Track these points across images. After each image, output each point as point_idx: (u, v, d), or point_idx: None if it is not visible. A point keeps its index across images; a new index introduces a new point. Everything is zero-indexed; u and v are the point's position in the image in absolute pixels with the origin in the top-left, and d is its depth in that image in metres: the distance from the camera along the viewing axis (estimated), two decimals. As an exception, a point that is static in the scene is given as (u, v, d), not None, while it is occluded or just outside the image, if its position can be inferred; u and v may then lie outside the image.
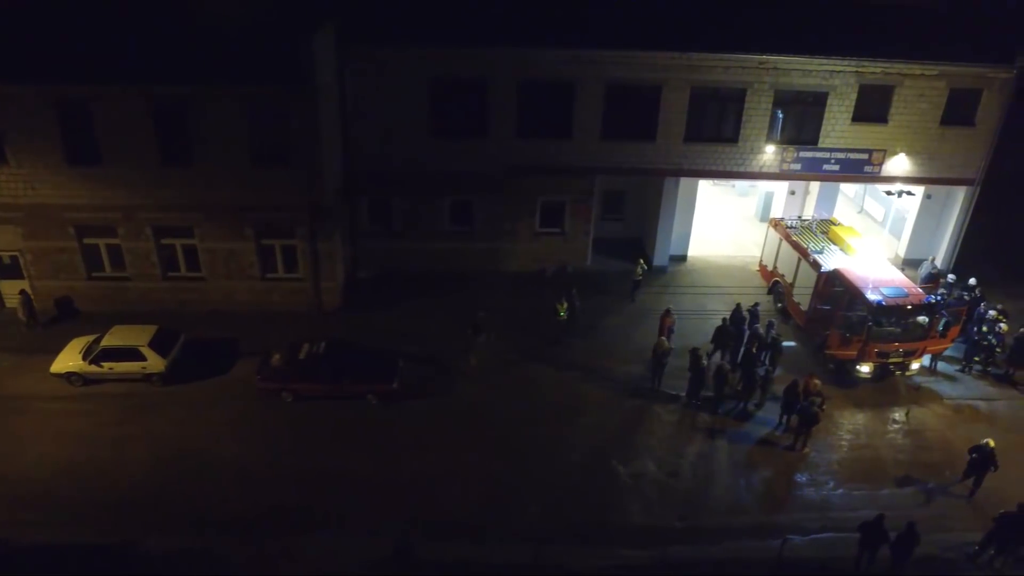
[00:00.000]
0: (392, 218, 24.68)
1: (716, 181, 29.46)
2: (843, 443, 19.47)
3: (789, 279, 23.36)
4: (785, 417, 19.49)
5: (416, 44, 22.20)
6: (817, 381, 19.35)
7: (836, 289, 21.23)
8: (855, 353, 20.36)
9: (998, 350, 21.94)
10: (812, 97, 23.78)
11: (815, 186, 27.08)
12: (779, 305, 24.11)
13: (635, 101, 23.31)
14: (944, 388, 21.68)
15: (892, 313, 20.01)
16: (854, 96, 23.75)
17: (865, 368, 20.56)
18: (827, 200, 25.84)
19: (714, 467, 18.49)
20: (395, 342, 21.74)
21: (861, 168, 24.87)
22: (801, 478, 18.35)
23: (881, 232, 29.57)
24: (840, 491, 18.03)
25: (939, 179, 25.52)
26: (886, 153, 24.67)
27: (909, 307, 20.03)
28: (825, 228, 23.76)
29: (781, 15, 23.60)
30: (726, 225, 29.46)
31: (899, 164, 24.84)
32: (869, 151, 24.61)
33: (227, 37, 20.44)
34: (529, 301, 23.80)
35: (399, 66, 22.45)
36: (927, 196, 26.51)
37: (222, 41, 20.37)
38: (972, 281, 23.97)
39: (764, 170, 24.69)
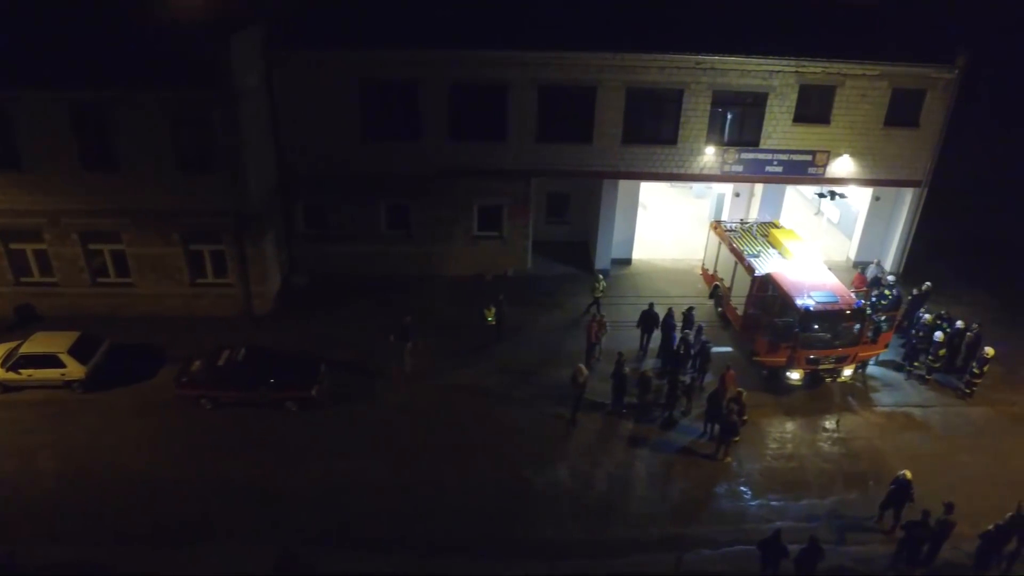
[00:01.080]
0: (328, 222, 24.44)
1: (673, 183, 29.07)
2: (768, 452, 19.04)
3: (728, 283, 22.95)
4: (709, 426, 19.11)
5: (344, 46, 21.92)
6: (734, 386, 19.07)
7: (768, 294, 20.83)
8: (784, 360, 19.97)
9: (929, 358, 21.51)
10: (752, 98, 23.37)
11: (760, 188, 26.63)
12: (719, 310, 23.73)
13: (570, 103, 22.96)
14: (880, 395, 21.22)
15: (821, 319, 19.55)
16: (795, 96, 23.31)
17: (795, 375, 20.13)
18: (772, 202, 25.37)
19: (631, 477, 18.10)
20: (324, 348, 21.47)
21: (805, 170, 24.42)
22: (719, 488, 17.93)
23: (837, 234, 29.24)
24: (758, 502, 17.62)
25: (886, 180, 25.06)
26: (830, 154, 24.21)
27: (838, 313, 19.63)
28: (765, 231, 23.36)
29: (720, 14, 23.25)
30: (678, 227, 29.06)
31: (844, 165, 24.39)
32: (812, 152, 24.15)
33: (150, 41, 20.24)
34: (464, 306, 23.46)
35: (328, 68, 22.18)
36: (876, 198, 26.06)
37: (145, 45, 20.15)
38: (926, 285, 23.52)
39: (705, 172, 24.29)
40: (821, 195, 24.20)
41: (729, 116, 23.55)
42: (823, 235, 29.16)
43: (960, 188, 27.26)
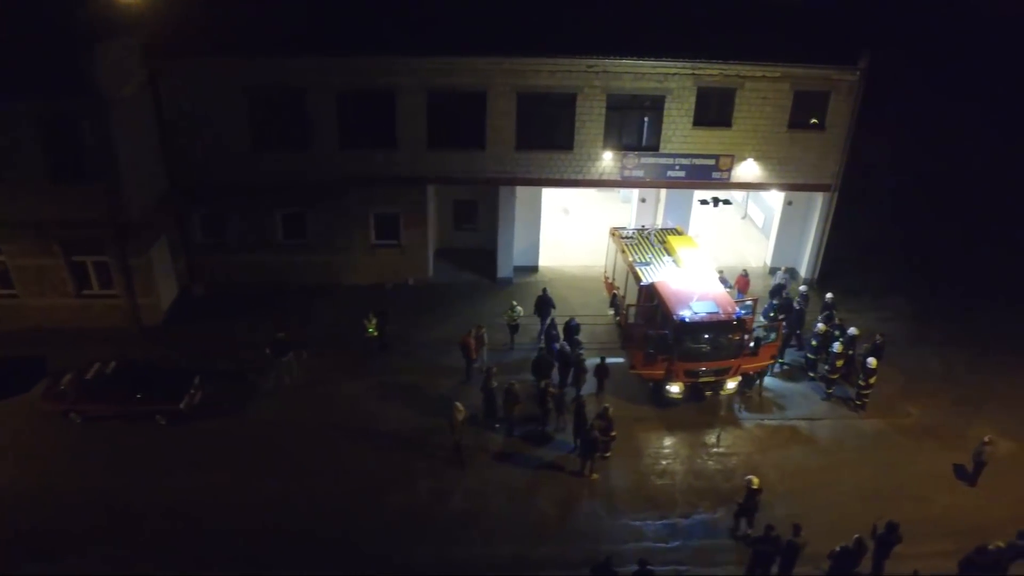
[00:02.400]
0: (226, 231, 24.10)
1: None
2: (640, 468, 18.50)
3: (623, 292, 22.42)
4: (579, 440, 18.59)
5: (227, 54, 21.58)
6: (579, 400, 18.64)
7: (653, 304, 20.28)
8: (663, 372, 19.41)
9: (826, 368, 20.85)
10: (649, 101, 22.79)
11: (679, 194, 25.91)
12: (617, 319, 23.18)
13: (460, 108, 22.48)
14: (771, 408, 20.56)
15: (697, 330, 18.99)
16: (693, 99, 22.71)
17: (675, 388, 19.57)
18: (677, 207, 24.73)
19: (490, 493, 17.62)
20: (210, 359, 21.18)
21: (709, 174, 23.79)
22: (580, 506, 17.43)
23: (762, 238, 28.55)
24: (620, 521, 17.10)
25: (794, 185, 24.40)
26: (734, 158, 23.60)
27: (716, 324, 19.04)
28: (663, 238, 22.78)
29: (616, 16, 22.74)
30: (598, 233, 28.46)
31: (749, 169, 23.76)
32: (716, 156, 23.55)
33: (17, 50, 19.93)
34: (359, 316, 22.88)
35: (212, 76, 21.82)
36: (788, 202, 25.39)
37: (11, 54, 19.85)
38: (829, 296, 22.84)
39: (605, 177, 23.74)
40: (704, 202, 23.55)
41: (626, 120, 22.99)
42: (748, 239, 28.55)
43: (879, 192, 26.67)
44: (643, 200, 25.51)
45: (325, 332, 22.41)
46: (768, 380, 21.36)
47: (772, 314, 22.35)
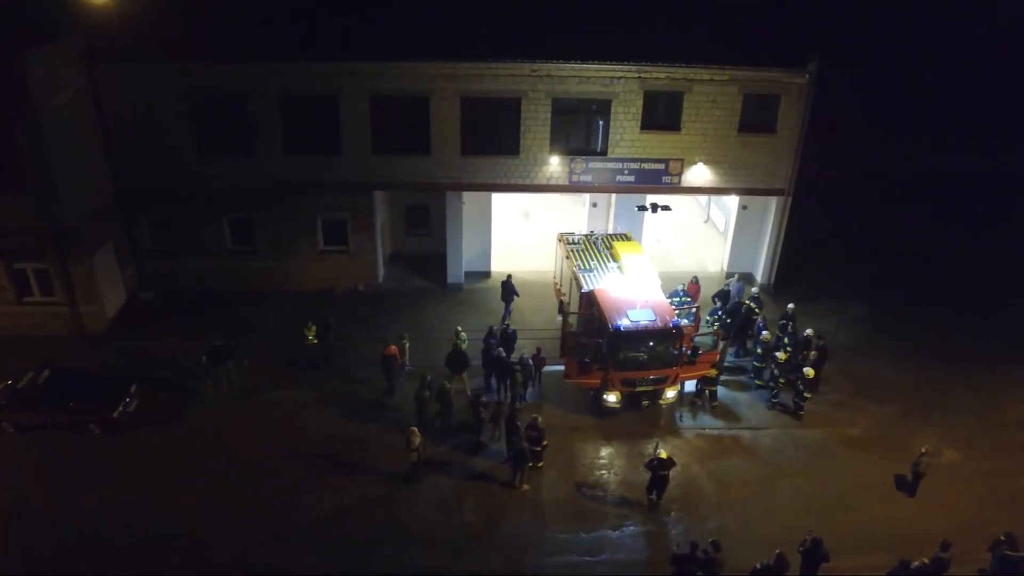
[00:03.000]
0: (175, 237, 23.91)
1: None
2: (573, 479, 18.21)
3: (568, 299, 22.12)
4: (512, 451, 18.33)
5: (168, 59, 21.36)
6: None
7: (591, 312, 19.99)
8: (598, 381, 19.12)
9: (775, 371, 20.54)
10: (595, 105, 22.47)
11: (628, 199, 25.07)
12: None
13: (404, 114, 22.21)
14: (714, 417, 20.27)
15: (632, 339, 18.69)
16: (640, 103, 22.37)
17: (612, 398, 19.26)
18: (627, 213, 24.35)
19: (419, 503, 17.37)
20: (151, 366, 21.02)
21: (659, 178, 23.45)
22: (507, 518, 17.13)
23: (723, 243, 28.15)
24: (548, 533, 16.80)
25: (747, 189, 24.06)
26: (684, 162, 23.27)
27: (652, 332, 18.71)
28: (610, 244, 22.47)
29: (561, 18, 22.42)
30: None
31: (700, 173, 23.43)
32: (665, 160, 23.22)
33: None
34: (306, 322, 22.75)
35: (154, 82, 21.62)
36: (743, 207, 25.05)
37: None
38: (790, 307, 22.38)
39: (553, 182, 23.42)
40: (641, 208, 23.18)
41: (573, 124, 22.69)
42: (709, 244, 28.20)
43: (836, 196, 26.32)
44: (595, 205, 25.17)
45: (269, 339, 22.18)
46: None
47: (716, 318, 22.08)
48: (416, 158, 22.85)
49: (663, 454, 16.80)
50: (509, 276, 23.22)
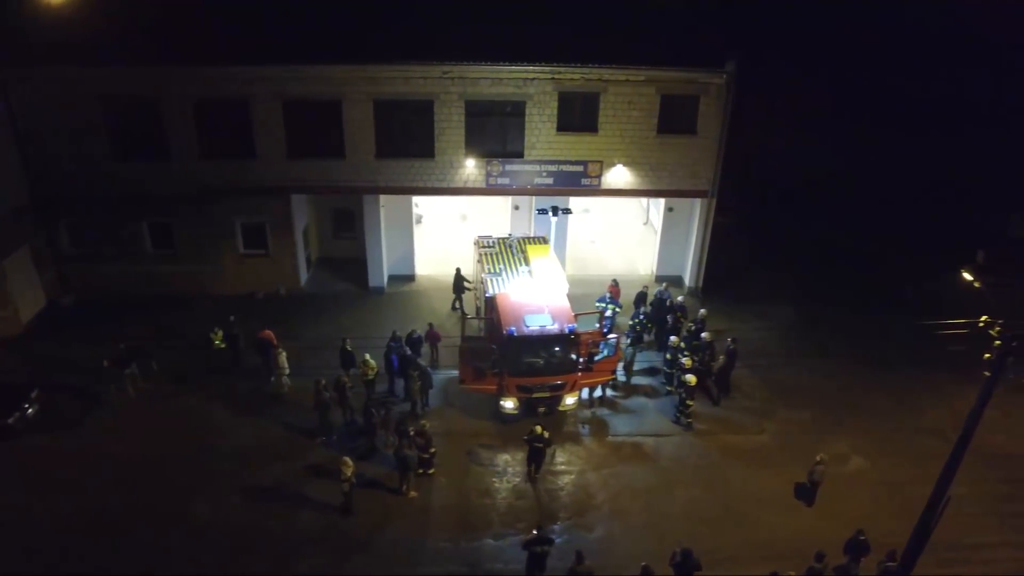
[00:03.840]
0: (94, 241, 23.89)
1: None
2: (464, 486, 17.93)
3: (481, 304, 21.91)
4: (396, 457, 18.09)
5: (78, 63, 21.29)
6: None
7: (492, 316, 19.76)
8: (494, 387, 18.88)
9: (670, 388, 20.35)
10: (509, 106, 22.25)
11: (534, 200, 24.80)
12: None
13: (317, 117, 22.14)
14: (618, 423, 19.99)
15: (526, 345, 18.44)
16: (555, 104, 22.15)
17: (509, 404, 19.01)
18: (546, 216, 24.11)
19: (303, 509, 17.11)
20: (60, 371, 20.92)
21: (578, 181, 23.19)
22: (391, 525, 16.83)
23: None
24: (428, 542, 16.51)
25: (670, 191, 23.76)
26: (603, 164, 22.99)
27: (546, 339, 18.44)
28: (524, 247, 22.18)
29: (473, 18, 22.13)
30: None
31: (620, 175, 23.14)
32: (583, 162, 22.96)
33: None
34: (228, 326, 22.60)
35: (64, 85, 21.56)
36: (669, 209, 24.74)
37: None
38: (702, 312, 22.13)
39: (470, 185, 23.23)
40: (542, 211, 22.86)
41: (488, 126, 22.47)
42: (645, 246, 27.80)
43: (748, 199, 25.90)
44: (516, 207, 24.84)
45: (183, 343, 22.15)
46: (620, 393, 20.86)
47: (637, 322, 21.78)
48: (331, 162, 22.74)
49: (539, 429, 17.34)
50: (458, 269, 23.39)
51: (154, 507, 17.19)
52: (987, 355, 13.22)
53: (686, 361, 19.90)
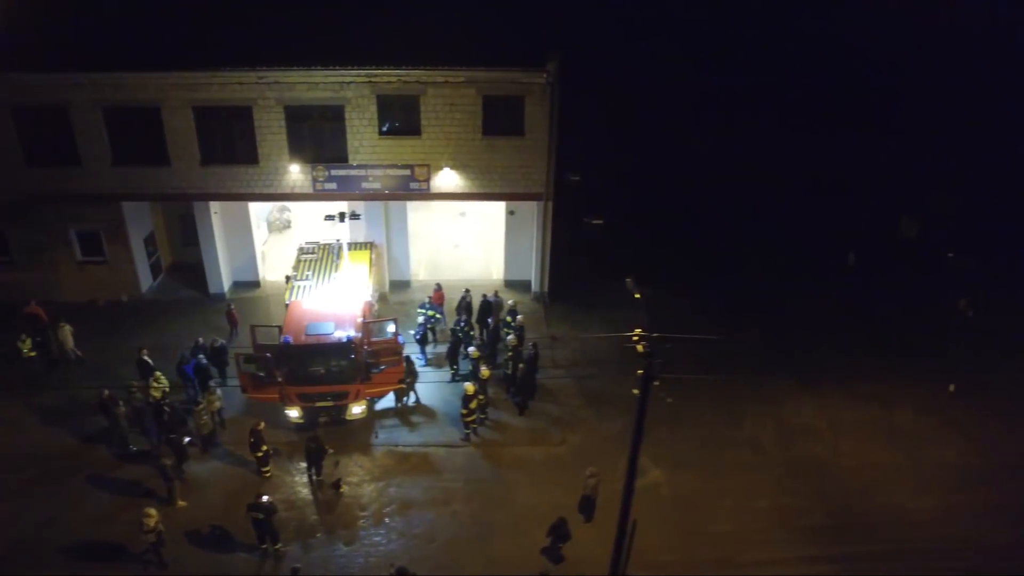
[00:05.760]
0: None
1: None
2: (239, 498, 17.32)
3: (291, 310, 21.60)
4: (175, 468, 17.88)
5: None
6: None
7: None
8: (276, 396, 18.54)
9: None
10: (330, 111, 21.90)
11: (374, 205, 23.96)
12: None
13: (139, 124, 21.96)
14: (415, 433, 19.50)
15: (299, 354, 18.11)
16: (374, 108, 21.73)
17: (293, 413, 18.68)
18: (376, 220, 23.79)
19: (68, 520, 16.87)
20: None
21: (407, 185, 22.76)
22: (154, 538, 16.45)
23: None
24: (179, 558, 16.17)
25: (504, 194, 23.22)
26: (430, 168, 22.54)
27: (322, 348, 18.10)
28: (342, 254, 21.78)
29: (289, 22, 21.92)
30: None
31: (449, 179, 22.66)
32: (410, 166, 22.54)
33: None
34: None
35: None
36: (510, 212, 24.18)
37: None
38: (518, 319, 21.53)
39: (298, 191, 22.91)
40: (329, 217, 22.38)
41: (309, 132, 22.13)
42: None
43: (581, 201, 25.09)
44: (355, 215, 24.50)
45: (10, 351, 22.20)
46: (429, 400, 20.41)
47: (460, 328, 21.30)
48: (157, 169, 22.56)
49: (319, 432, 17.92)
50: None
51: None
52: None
53: (484, 372, 19.38)
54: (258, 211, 26.54)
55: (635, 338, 12.72)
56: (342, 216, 21.78)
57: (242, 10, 22.14)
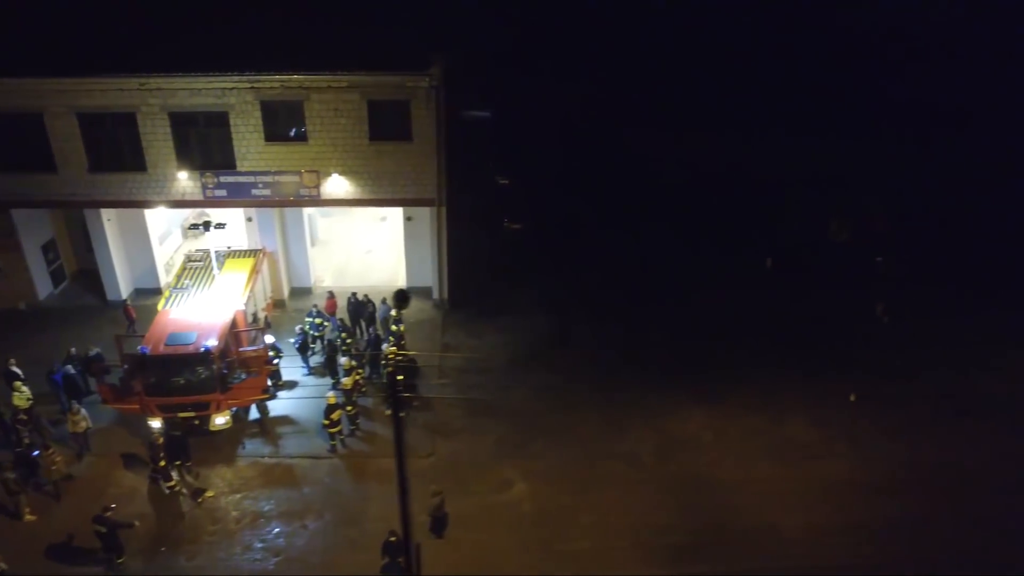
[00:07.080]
0: None
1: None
2: (92, 510, 16.78)
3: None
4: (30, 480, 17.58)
5: None
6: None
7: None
8: (137, 407, 18.24)
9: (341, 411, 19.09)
10: (215, 118, 21.61)
11: (266, 212, 23.68)
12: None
13: (21, 131, 21.73)
14: (281, 444, 19.07)
15: (155, 364, 17.81)
16: (259, 114, 21.45)
17: (156, 423, 18.32)
18: (268, 226, 23.47)
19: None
20: None
21: (296, 191, 22.45)
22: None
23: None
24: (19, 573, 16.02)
25: (395, 200, 22.92)
26: (320, 174, 22.19)
27: (177, 358, 17.79)
28: (224, 262, 21.50)
29: (171, 27, 21.75)
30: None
31: (339, 185, 22.30)
32: (298, 172, 22.19)
33: None
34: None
35: None
36: (407, 218, 23.78)
37: None
38: (393, 327, 21.14)
39: (188, 198, 22.65)
40: (194, 227, 22.02)
41: (195, 138, 21.88)
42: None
43: (474, 205, 24.64)
44: (249, 219, 24.12)
45: None
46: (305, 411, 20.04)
47: (335, 338, 20.90)
48: (43, 176, 22.34)
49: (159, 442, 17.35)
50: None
51: None
52: None
53: (346, 381, 19.06)
54: (172, 217, 26.55)
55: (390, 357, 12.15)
56: (207, 225, 21.43)
57: (126, 13, 22.01)
